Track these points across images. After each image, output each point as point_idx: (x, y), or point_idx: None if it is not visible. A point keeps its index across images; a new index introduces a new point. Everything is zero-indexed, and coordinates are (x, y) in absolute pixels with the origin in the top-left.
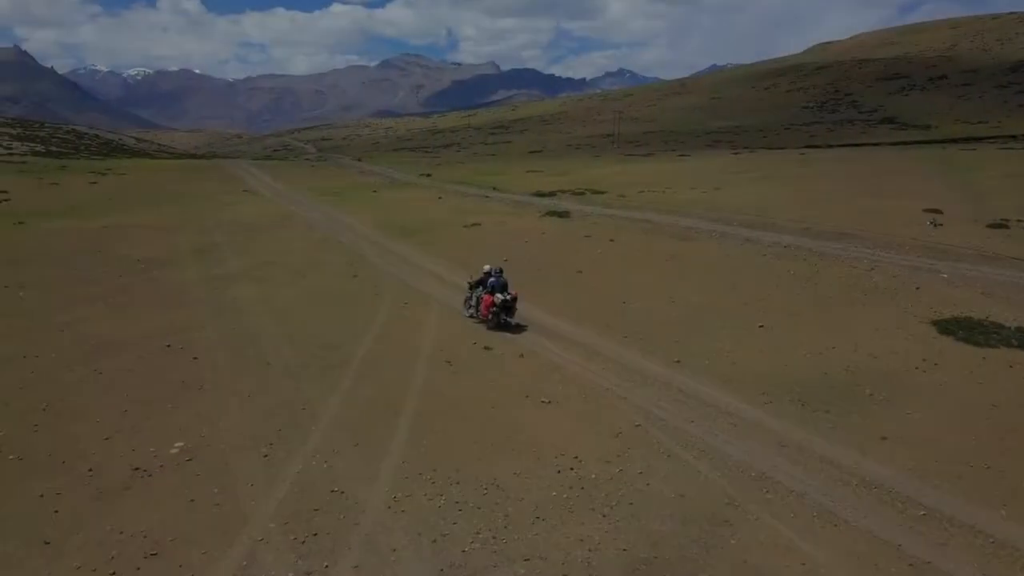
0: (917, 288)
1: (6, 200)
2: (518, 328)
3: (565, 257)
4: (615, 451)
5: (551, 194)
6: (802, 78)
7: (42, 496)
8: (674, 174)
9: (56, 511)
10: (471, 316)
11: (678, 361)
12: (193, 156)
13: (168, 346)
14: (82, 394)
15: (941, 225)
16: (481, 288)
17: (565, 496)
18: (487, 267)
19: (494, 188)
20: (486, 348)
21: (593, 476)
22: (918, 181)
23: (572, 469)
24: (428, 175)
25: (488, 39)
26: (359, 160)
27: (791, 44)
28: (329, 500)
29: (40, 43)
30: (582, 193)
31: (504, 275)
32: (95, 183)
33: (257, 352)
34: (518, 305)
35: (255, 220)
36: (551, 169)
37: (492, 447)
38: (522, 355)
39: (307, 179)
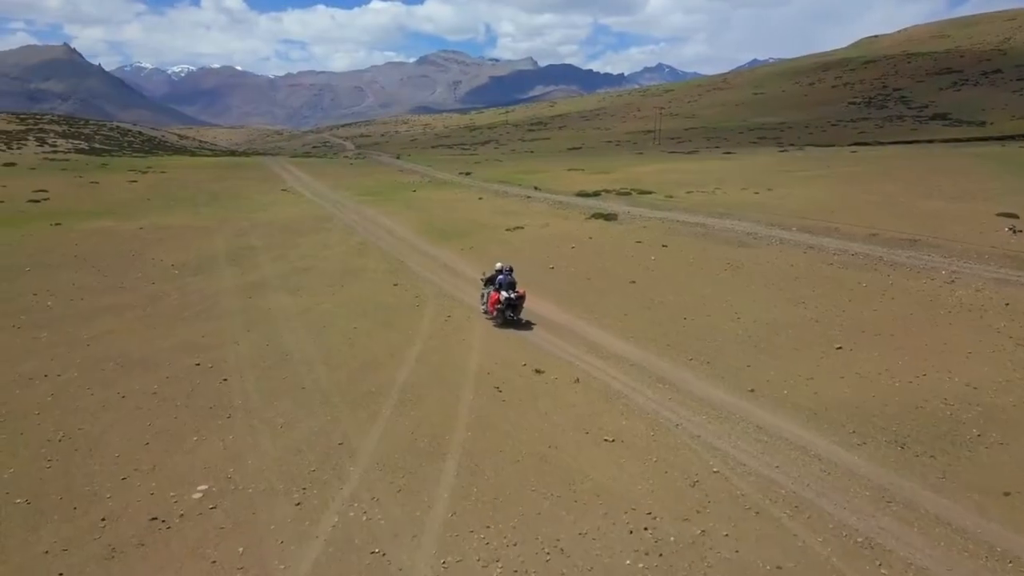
0: (1007, 304)
1: (45, 199)
2: (529, 326)
3: (616, 265)
4: (694, 505)
5: (595, 194)
6: (848, 73)
7: (47, 553)
8: (722, 173)
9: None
10: (484, 312)
11: (752, 390)
12: (233, 153)
13: (197, 364)
14: (102, 421)
15: (1022, 231)
16: (491, 285)
17: (641, 566)
18: (499, 265)
19: (536, 187)
20: (537, 371)
21: (672, 539)
22: (984, 181)
23: (646, 529)
24: (468, 173)
25: (526, 35)
26: (398, 158)
27: (835, 38)
28: (369, 565)
29: (88, 41)
30: (628, 193)
31: (513, 274)
32: (135, 182)
33: (291, 373)
34: (548, 312)
35: (293, 222)
36: (593, 167)
37: (552, 498)
38: (577, 380)
39: (346, 178)
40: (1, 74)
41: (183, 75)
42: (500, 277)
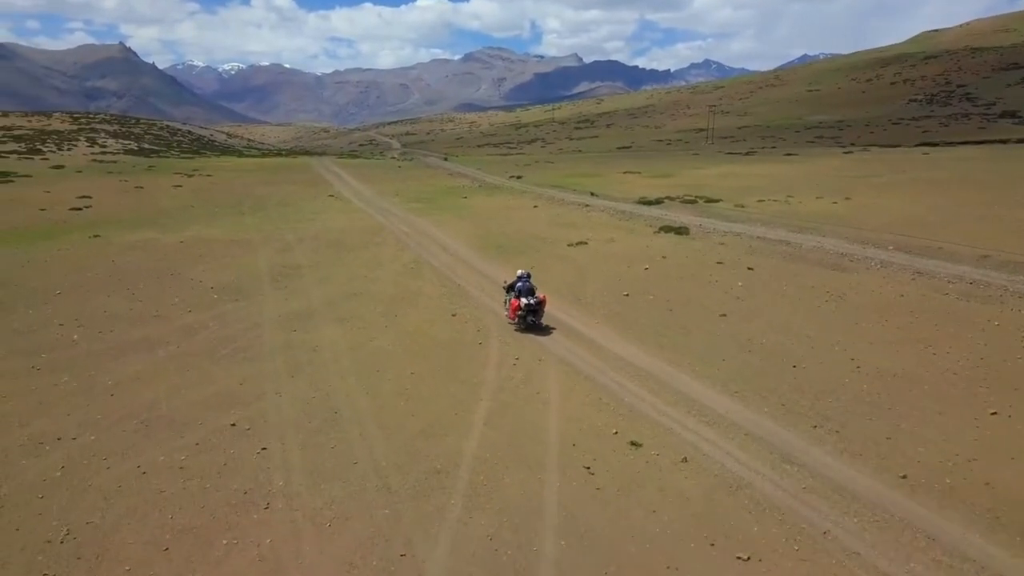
0: None
1: (87, 207)
2: (547, 330)
3: (699, 292)
4: None
5: (658, 202)
6: (908, 69)
7: None
8: (789, 178)
9: None
10: (507, 317)
11: (904, 476)
12: (279, 153)
13: (232, 425)
14: (116, 510)
15: None
16: (511, 292)
17: None
18: (520, 271)
19: (592, 193)
20: (633, 444)
21: None
22: None
23: None
24: (519, 177)
25: (571, 31)
26: (445, 159)
27: (888, 33)
28: None
29: (143, 40)
30: (693, 201)
31: (532, 280)
32: (179, 186)
33: (340, 439)
34: (632, 356)
35: (341, 235)
36: (650, 170)
37: None
38: (685, 459)
39: (394, 182)
40: (60, 72)
41: (233, 73)
42: (520, 284)
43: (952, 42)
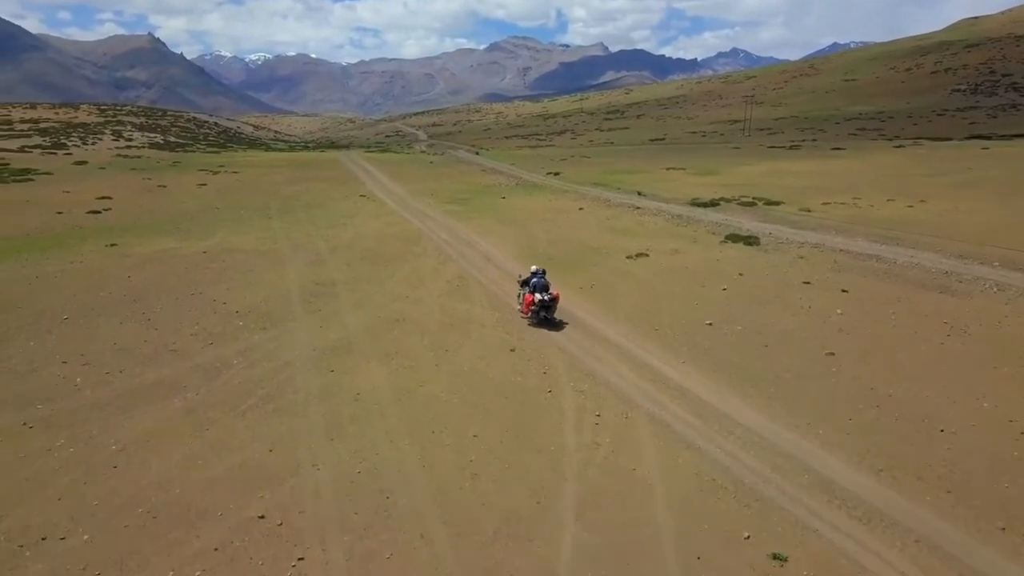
0: None
1: (107, 210)
2: (561, 326)
3: (792, 320)
4: None
5: (713, 204)
6: (949, 58)
7: None
8: (848, 176)
9: None
10: (520, 311)
11: None
12: (306, 147)
13: (261, 518)
14: None
15: None
16: (526, 287)
17: None
18: (534, 267)
19: (640, 193)
20: (776, 559)
21: None
22: None
23: None
24: (556, 174)
25: (597, 20)
26: (477, 153)
27: (923, 21)
28: None
29: (171, 31)
30: (752, 203)
31: (547, 276)
32: (204, 185)
33: (397, 547)
34: (739, 413)
35: (376, 243)
36: (694, 166)
37: None
38: None
39: (427, 180)
40: (90, 63)
41: (259, 63)
42: (534, 280)
43: (994, 30)
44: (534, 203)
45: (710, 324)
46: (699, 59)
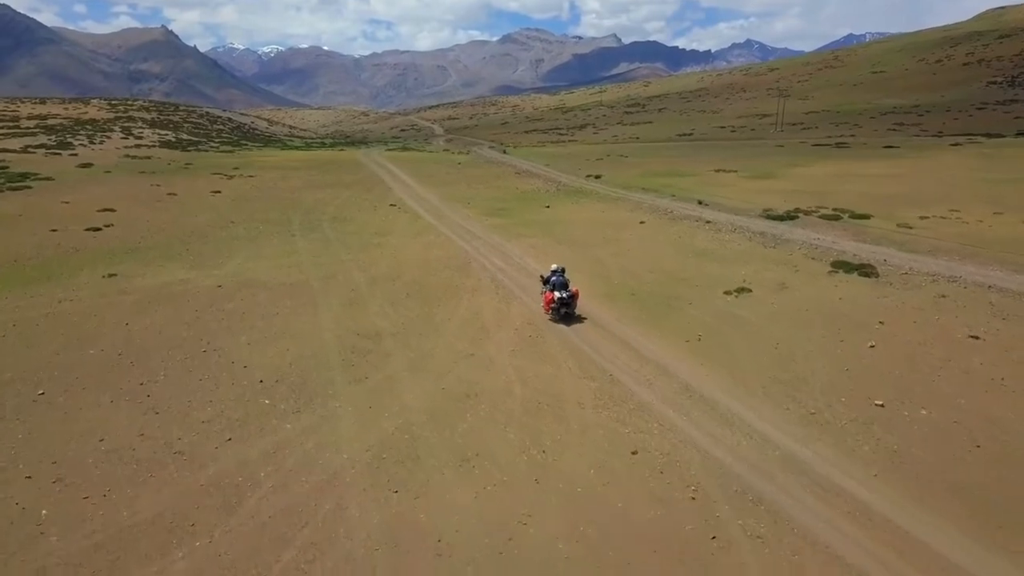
0: None
1: (108, 225)
2: (579, 319)
3: (987, 400)
4: None
5: (791, 217)
6: (981, 49)
7: None
8: (920, 180)
9: None
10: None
11: None
12: (323, 143)
13: None
14: None
15: None
16: (546, 285)
17: None
18: (554, 266)
19: (700, 202)
20: None
21: None
22: None
23: None
24: (597, 177)
25: (611, 12)
26: (504, 152)
27: (944, 12)
28: None
29: (185, 23)
30: (835, 216)
31: (566, 275)
32: (218, 192)
33: None
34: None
35: (421, 272)
36: (744, 168)
37: None
38: None
39: (458, 183)
40: (104, 55)
41: (272, 55)
42: (554, 278)
43: (1022, 19)
44: (585, 213)
45: (881, 405)
46: (713, 50)
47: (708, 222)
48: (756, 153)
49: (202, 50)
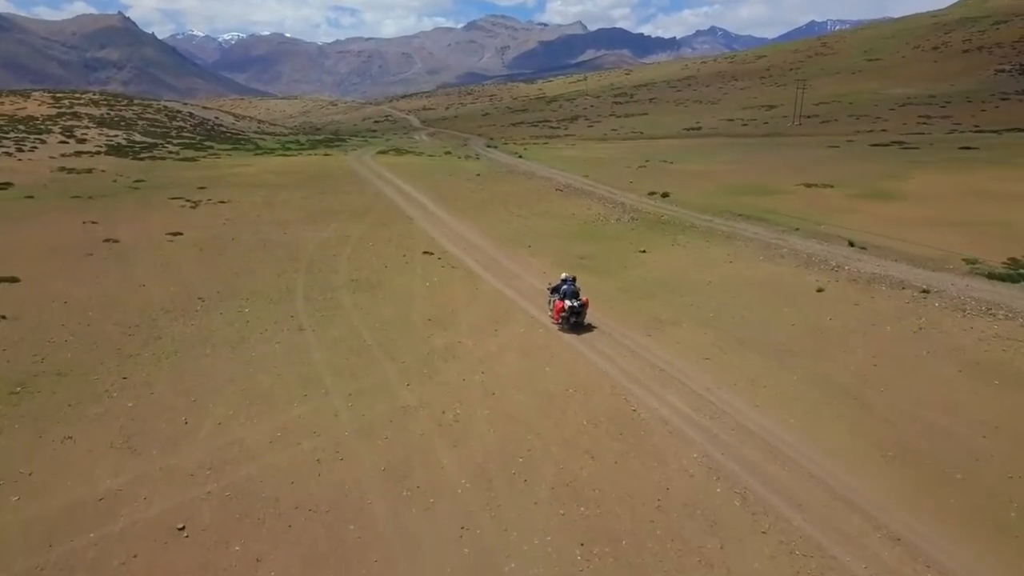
0: None
1: (1, 317)
2: (589, 328)
3: None
4: None
5: (1013, 279)
6: (978, 36)
7: None
8: None
9: None
10: (551, 317)
11: None
12: (300, 144)
13: None
14: None
15: None
16: (556, 294)
17: None
18: (564, 275)
19: (851, 243)
20: None
21: None
22: None
23: None
24: (665, 195)
25: None
26: (519, 156)
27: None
28: None
29: (143, 10)
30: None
31: (576, 284)
32: (178, 235)
33: None
34: None
35: (564, 448)
36: (841, 182)
37: None
38: None
39: (493, 209)
40: (59, 43)
41: (233, 42)
42: (564, 287)
43: (1012, 5)
44: (705, 264)
45: None
46: (678, 37)
47: (924, 292)
48: (818, 158)
49: (161, 37)
